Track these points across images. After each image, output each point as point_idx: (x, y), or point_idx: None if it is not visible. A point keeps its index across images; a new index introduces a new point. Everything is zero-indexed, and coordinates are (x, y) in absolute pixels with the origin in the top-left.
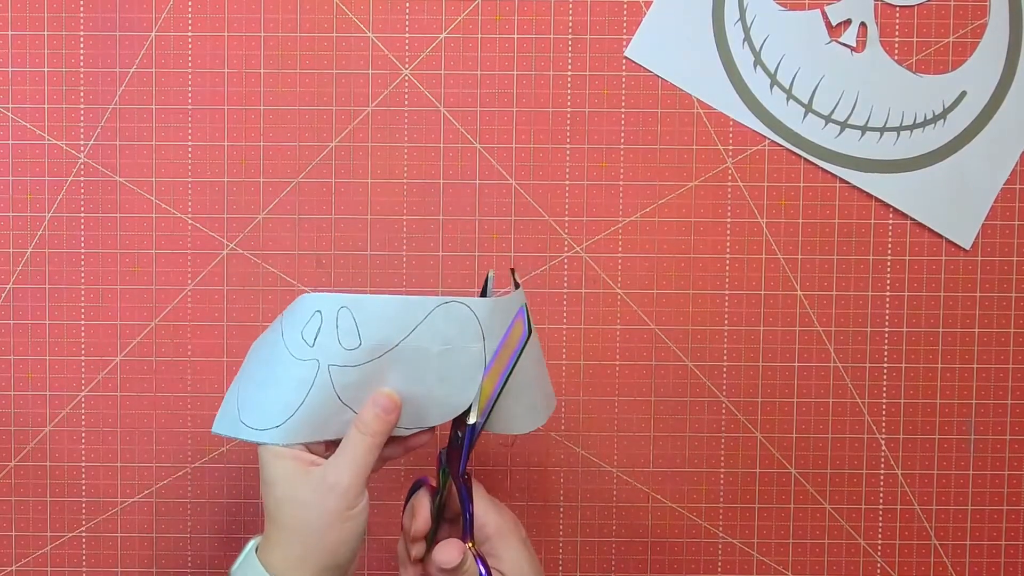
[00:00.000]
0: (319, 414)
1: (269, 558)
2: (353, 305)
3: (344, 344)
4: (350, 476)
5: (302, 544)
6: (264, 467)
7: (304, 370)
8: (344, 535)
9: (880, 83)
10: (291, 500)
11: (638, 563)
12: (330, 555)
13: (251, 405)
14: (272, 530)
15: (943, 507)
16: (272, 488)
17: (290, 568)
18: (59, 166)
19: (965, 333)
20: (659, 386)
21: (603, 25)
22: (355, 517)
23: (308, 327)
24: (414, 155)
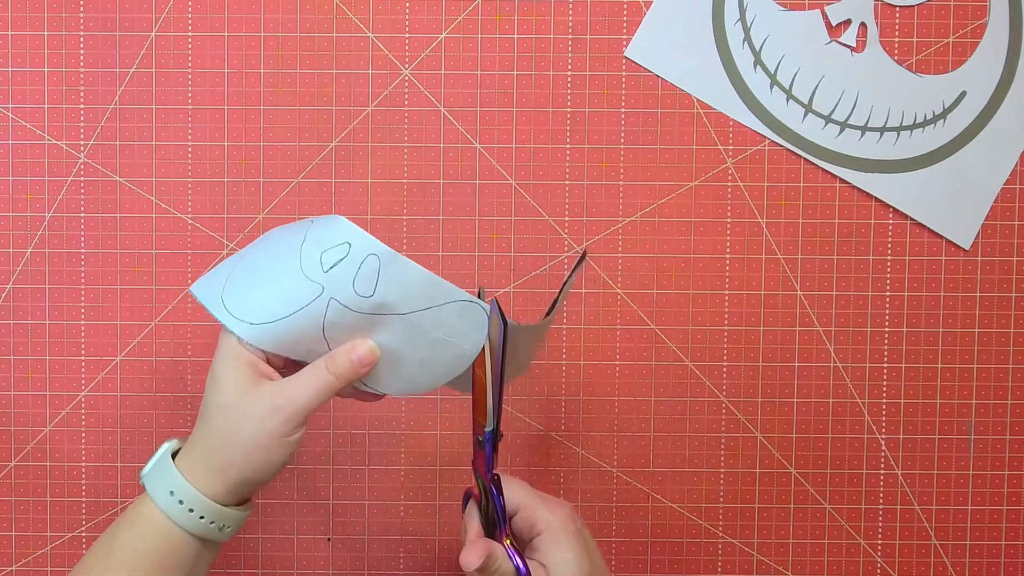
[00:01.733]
0: (297, 335)
1: (188, 462)
2: (385, 259)
3: (357, 288)
4: (299, 405)
5: (227, 455)
6: (218, 363)
7: (306, 290)
8: (272, 458)
9: (880, 83)
10: (233, 408)
11: (638, 563)
12: (252, 472)
13: (238, 291)
14: (201, 434)
15: (943, 507)
16: (218, 390)
17: (208, 477)
18: (59, 166)
19: (965, 333)
20: (659, 386)
21: (603, 25)
22: (288, 444)
23: (330, 253)
24: (414, 155)
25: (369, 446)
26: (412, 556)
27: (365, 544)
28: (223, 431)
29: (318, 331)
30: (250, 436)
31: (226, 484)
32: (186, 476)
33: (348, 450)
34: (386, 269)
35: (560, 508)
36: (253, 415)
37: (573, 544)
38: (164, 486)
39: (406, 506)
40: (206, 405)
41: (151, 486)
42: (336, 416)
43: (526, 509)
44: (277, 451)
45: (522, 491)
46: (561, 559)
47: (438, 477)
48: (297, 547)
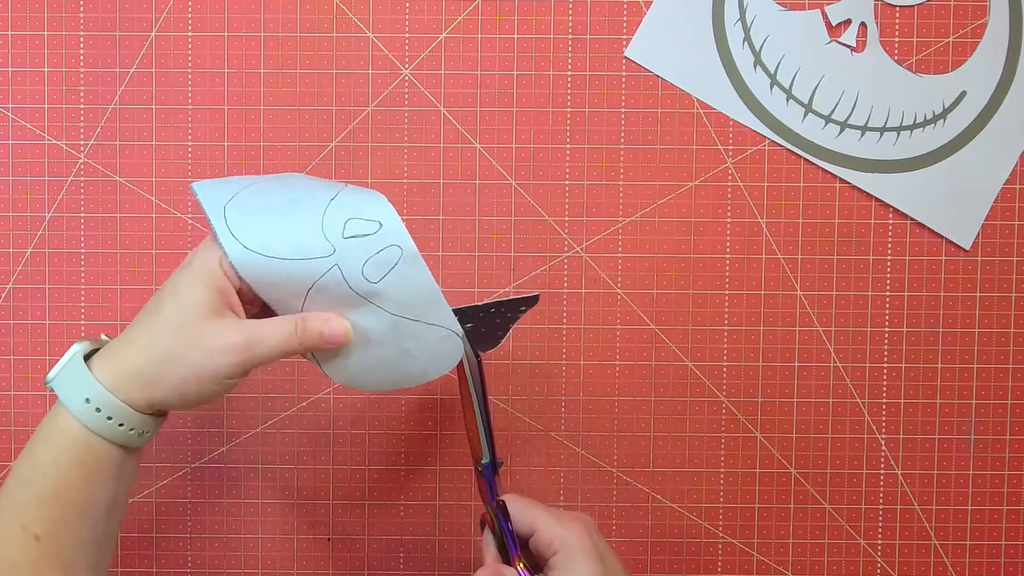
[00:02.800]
0: (283, 282)
1: (108, 366)
2: (407, 256)
3: (366, 270)
4: (257, 355)
5: (160, 372)
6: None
7: (316, 245)
8: (202, 393)
9: (880, 83)
10: (186, 329)
11: (638, 563)
12: (177, 399)
13: (245, 210)
14: (136, 341)
15: (943, 507)
16: (177, 304)
17: (131, 386)
18: (59, 166)
19: (965, 333)
20: (659, 386)
21: (603, 25)
22: (224, 387)
23: (357, 223)
24: (414, 155)
25: (369, 446)
26: (412, 556)
27: (365, 544)
28: (165, 347)
29: (304, 288)
30: (195, 364)
31: (147, 398)
32: (104, 382)
33: (348, 450)
34: (403, 266)
35: (575, 524)
36: (205, 344)
37: (589, 560)
38: (79, 393)
39: (406, 506)
40: (155, 314)
41: (64, 392)
42: (336, 416)
43: (541, 530)
44: (210, 388)
45: (535, 511)
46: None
47: (438, 477)
48: (297, 547)
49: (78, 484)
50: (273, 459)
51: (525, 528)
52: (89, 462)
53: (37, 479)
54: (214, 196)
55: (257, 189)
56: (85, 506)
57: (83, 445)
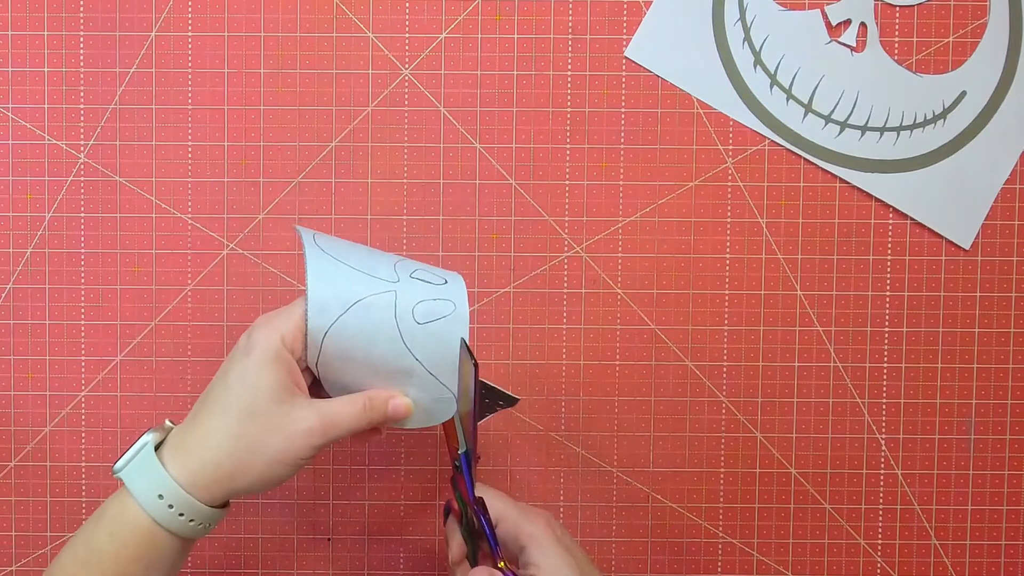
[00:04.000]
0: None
1: (181, 461)
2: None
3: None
4: (337, 432)
5: (241, 464)
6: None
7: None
8: (284, 475)
9: (880, 83)
10: (264, 417)
11: (638, 563)
12: (261, 485)
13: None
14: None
15: (943, 507)
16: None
17: (208, 481)
18: (59, 166)
19: (965, 333)
20: (659, 386)
21: (603, 25)
22: (302, 465)
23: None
24: (414, 155)
25: (369, 446)
26: (412, 556)
27: (365, 544)
28: (244, 439)
29: (354, 298)
30: (275, 452)
31: (227, 491)
32: (179, 479)
33: (348, 450)
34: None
35: (539, 518)
36: (285, 430)
37: (558, 550)
38: (151, 488)
39: (406, 506)
40: (226, 403)
41: (135, 486)
42: None
43: (506, 522)
44: (292, 470)
45: (501, 503)
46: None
47: (438, 477)
48: (297, 547)
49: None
50: None
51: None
52: (151, 556)
53: (94, 566)
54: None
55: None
56: None
57: (148, 539)
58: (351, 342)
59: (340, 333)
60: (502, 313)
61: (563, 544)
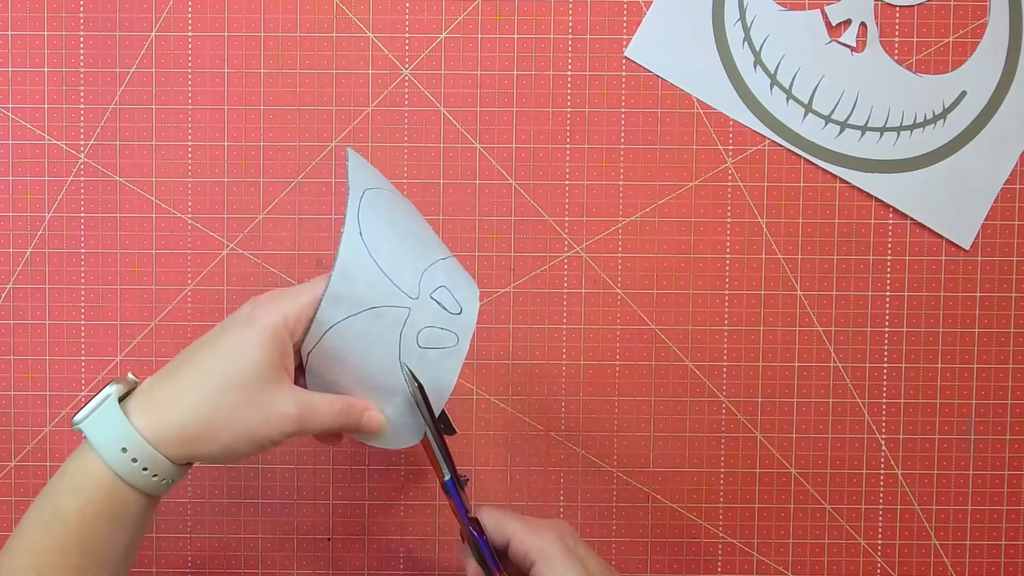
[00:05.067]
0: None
1: (148, 416)
2: (456, 351)
3: (422, 333)
4: (301, 427)
5: (210, 430)
6: (250, 337)
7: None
8: (248, 452)
9: (880, 83)
10: (247, 392)
11: (638, 563)
12: (222, 455)
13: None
14: (182, 394)
15: (943, 507)
16: (238, 365)
17: (173, 440)
18: (59, 166)
19: (965, 333)
20: (659, 386)
21: (603, 25)
22: (258, 449)
23: (445, 293)
24: (414, 155)
25: (369, 446)
26: (412, 556)
27: (365, 544)
28: (221, 405)
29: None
30: (249, 427)
31: (189, 453)
32: (145, 434)
33: (348, 450)
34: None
35: (548, 530)
36: (264, 409)
37: (568, 563)
38: (114, 441)
39: (406, 506)
40: (209, 369)
41: (98, 439)
42: None
43: (515, 540)
44: (254, 450)
45: (509, 522)
46: None
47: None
48: (297, 547)
49: (102, 534)
50: (273, 459)
51: (500, 541)
52: (116, 512)
53: (58, 527)
54: (360, 175)
55: (394, 198)
56: (106, 553)
57: (111, 495)
58: (350, 344)
59: (343, 332)
60: (502, 313)
61: (575, 554)
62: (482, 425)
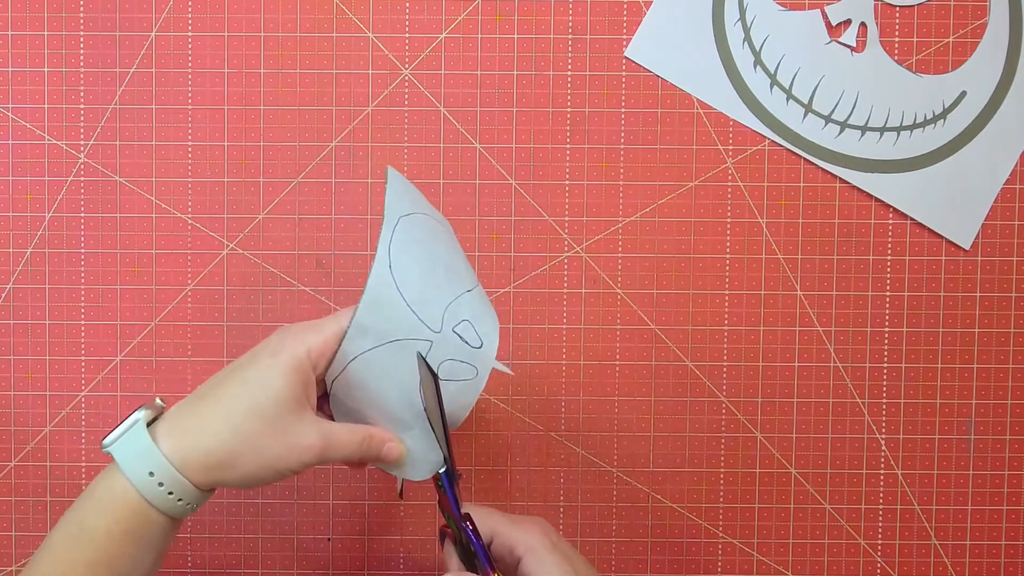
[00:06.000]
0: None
1: (175, 442)
2: (474, 384)
3: (442, 366)
4: (323, 457)
5: (233, 459)
6: (277, 367)
7: (433, 317)
8: (264, 480)
9: (880, 83)
10: (270, 421)
11: (638, 563)
12: (240, 483)
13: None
14: (208, 423)
15: (943, 507)
16: (263, 394)
17: (199, 466)
18: (59, 166)
19: (965, 333)
20: (659, 386)
21: (603, 25)
22: (279, 477)
23: (467, 328)
24: (414, 155)
25: None
26: (412, 556)
27: (365, 544)
28: (244, 435)
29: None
30: (272, 457)
31: (212, 480)
32: (172, 459)
33: None
34: (465, 386)
35: (533, 525)
36: (287, 440)
37: (555, 557)
38: (142, 465)
39: (406, 506)
40: (234, 397)
41: (126, 463)
42: None
43: (500, 535)
44: (276, 477)
45: (492, 518)
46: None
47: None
48: (297, 547)
49: (129, 552)
50: None
51: (484, 536)
52: (140, 532)
53: (86, 544)
54: (396, 200)
55: (430, 224)
56: (130, 571)
57: (137, 515)
58: (372, 374)
59: (367, 363)
60: (502, 313)
61: (560, 550)
62: (482, 425)
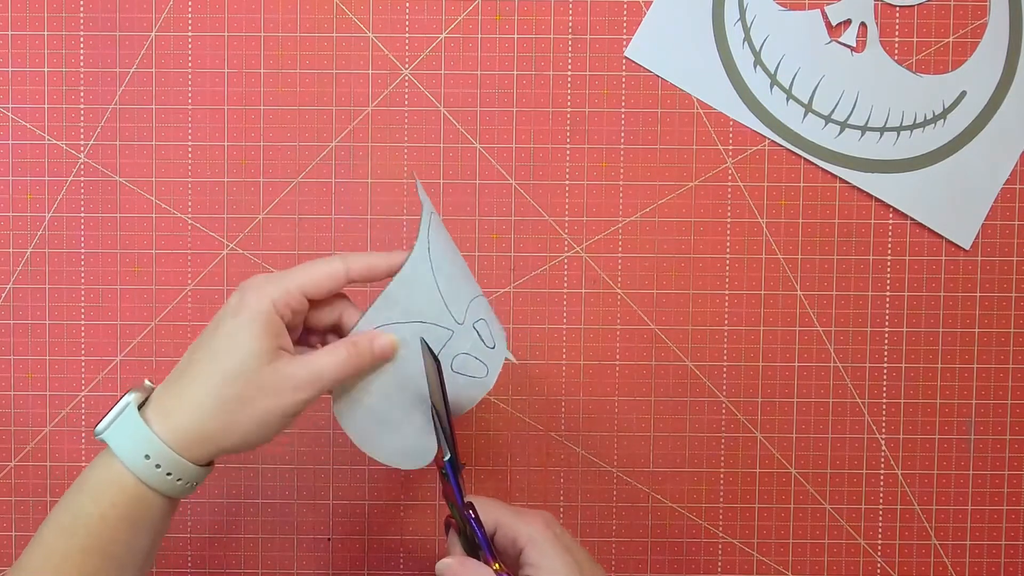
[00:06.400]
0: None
1: (166, 421)
2: (483, 382)
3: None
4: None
5: (225, 423)
6: (241, 322)
7: (457, 309)
8: (271, 433)
9: (880, 83)
10: (247, 377)
11: (638, 563)
12: (247, 444)
13: (442, 233)
14: (191, 394)
15: (943, 507)
16: (233, 353)
17: (193, 441)
18: (59, 166)
19: (965, 333)
20: (659, 386)
21: (603, 25)
22: (292, 421)
23: (484, 326)
24: (414, 155)
25: None
26: (412, 556)
27: (365, 544)
28: (227, 399)
29: (419, 315)
30: (262, 411)
31: (212, 450)
32: (166, 439)
33: (348, 450)
34: (475, 383)
35: (536, 518)
36: (271, 389)
37: (557, 549)
38: (137, 448)
39: (406, 506)
40: (211, 364)
41: (120, 447)
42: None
43: (503, 526)
44: (277, 428)
45: (497, 509)
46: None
47: (438, 477)
48: (297, 547)
49: (124, 537)
50: (273, 459)
51: (488, 527)
52: (137, 516)
53: (80, 531)
54: (427, 199)
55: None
56: (127, 555)
57: (133, 499)
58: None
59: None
60: (502, 313)
61: (562, 543)
62: (482, 425)
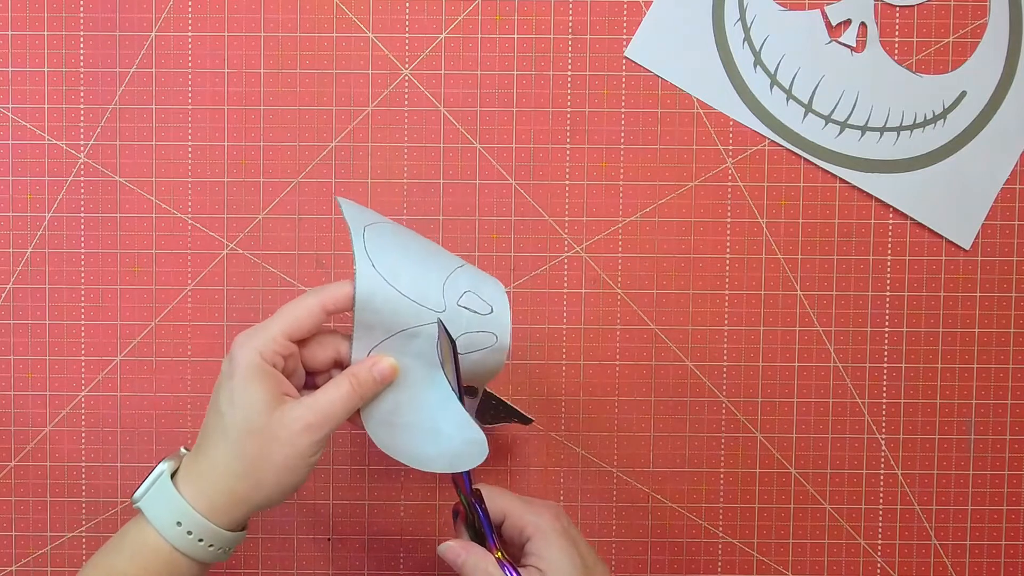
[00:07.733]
0: (386, 314)
1: (198, 489)
2: (498, 347)
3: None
4: (334, 422)
5: (254, 482)
6: (239, 381)
7: (433, 298)
8: (298, 479)
9: (880, 83)
10: (260, 431)
11: (638, 563)
12: (279, 495)
13: (384, 239)
14: (216, 460)
15: (943, 507)
16: (240, 412)
17: (226, 506)
18: (59, 166)
19: (965, 333)
20: (659, 386)
21: (603, 25)
22: (313, 464)
23: (471, 297)
24: (414, 155)
25: (369, 446)
26: (412, 556)
27: (365, 544)
28: (249, 457)
29: (399, 327)
30: (282, 460)
31: (244, 510)
32: (196, 506)
33: (348, 450)
34: (489, 353)
35: (545, 509)
36: (284, 437)
37: (562, 542)
38: (170, 516)
39: (406, 506)
40: (223, 429)
41: (154, 515)
42: None
43: (512, 515)
44: (304, 471)
45: (506, 498)
46: (554, 557)
47: (438, 477)
48: (297, 547)
49: None
50: None
51: (496, 515)
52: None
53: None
54: (356, 216)
55: (395, 228)
56: None
57: (168, 564)
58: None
59: (384, 352)
60: None
61: (569, 536)
62: None
